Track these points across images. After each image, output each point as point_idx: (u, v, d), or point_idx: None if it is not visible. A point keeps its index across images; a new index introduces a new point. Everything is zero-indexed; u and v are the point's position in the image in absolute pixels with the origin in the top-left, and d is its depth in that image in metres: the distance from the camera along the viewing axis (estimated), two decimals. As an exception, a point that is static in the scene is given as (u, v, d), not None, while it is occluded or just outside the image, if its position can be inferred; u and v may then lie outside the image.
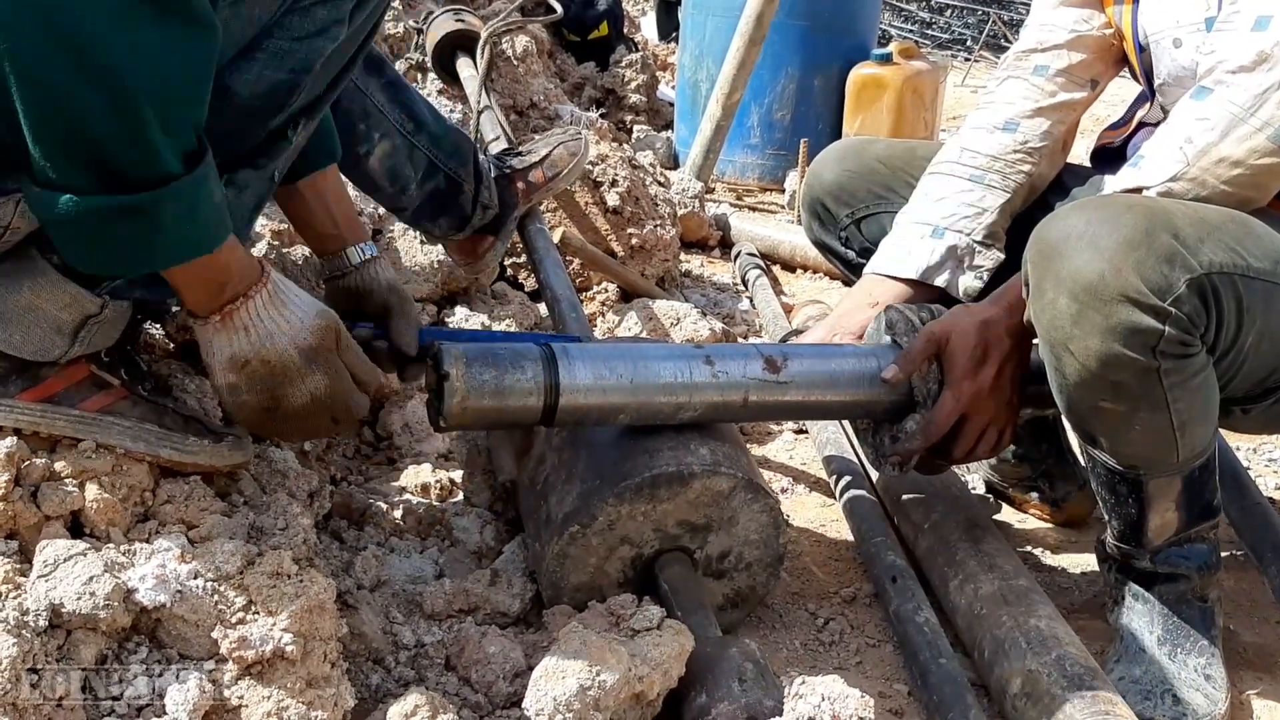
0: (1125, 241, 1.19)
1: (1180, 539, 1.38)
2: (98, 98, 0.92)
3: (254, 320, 1.12)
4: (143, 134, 0.95)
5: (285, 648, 1.06)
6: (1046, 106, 1.65)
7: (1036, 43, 1.68)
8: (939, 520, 1.59)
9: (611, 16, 4.46)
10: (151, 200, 0.98)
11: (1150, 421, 1.25)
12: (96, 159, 0.95)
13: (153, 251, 1.03)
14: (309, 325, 1.16)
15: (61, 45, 0.89)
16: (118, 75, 0.92)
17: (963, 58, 8.88)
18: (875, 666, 1.43)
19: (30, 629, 0.99)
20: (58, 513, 1.12)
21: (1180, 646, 1.37)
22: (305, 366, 1.16)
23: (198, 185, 1.01)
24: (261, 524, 1.23)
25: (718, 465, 1.34)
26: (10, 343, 1.13)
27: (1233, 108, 1.29)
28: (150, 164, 0.97)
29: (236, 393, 1.16)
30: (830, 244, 1.84)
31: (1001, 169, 1.64)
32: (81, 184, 0.96)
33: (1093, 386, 1.24)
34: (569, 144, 2.18)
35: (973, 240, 1.62)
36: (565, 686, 1.09)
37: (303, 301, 1.17)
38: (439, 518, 1.60)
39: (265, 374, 1.15)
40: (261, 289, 1.13)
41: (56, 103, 0.92)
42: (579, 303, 2.04)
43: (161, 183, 0.98)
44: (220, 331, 1.13)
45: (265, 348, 1.13)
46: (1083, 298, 1.19)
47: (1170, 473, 1.31)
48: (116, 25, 0.91)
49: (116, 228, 0.99)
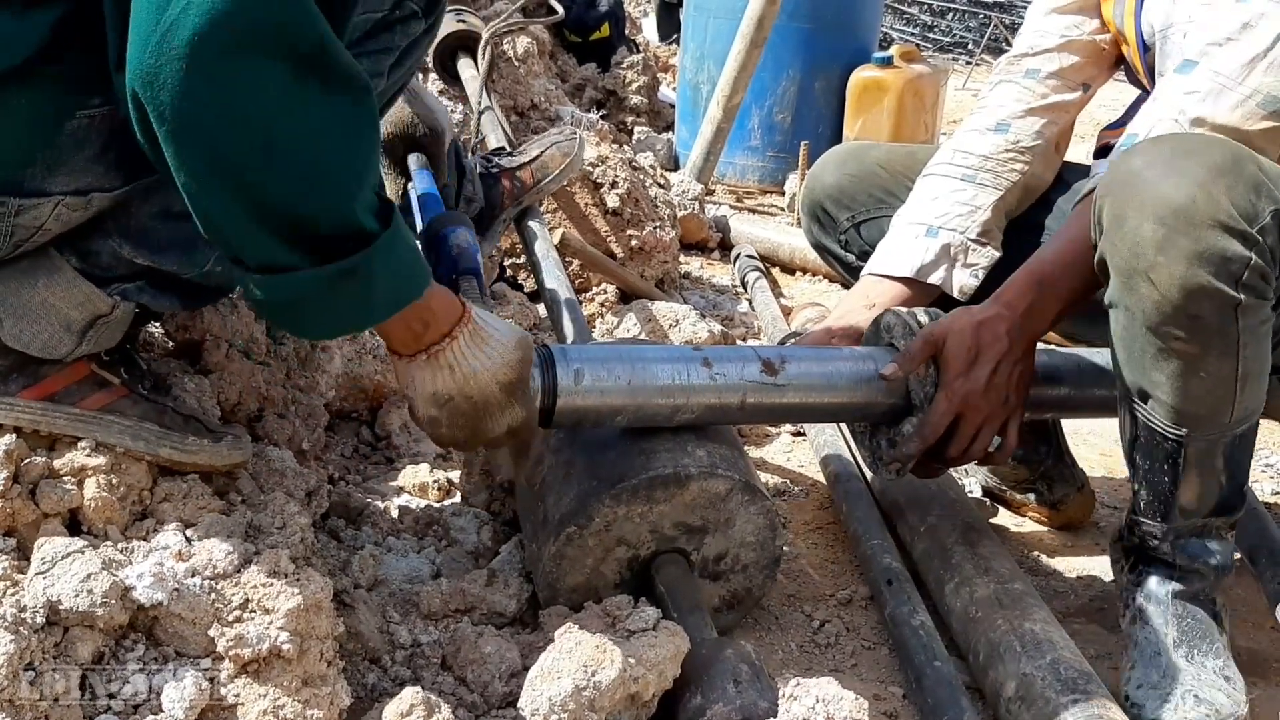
0: (1215, 167, 1.17)
1: (1203, 527, 1.36)
2: (292, 180, 0.95)
3: (458, 359, 1.15)
4: (341, 203, 0.99)
5: (282, 646, 1.06)
6: (1038, 107, 1.67)
7: (1028, 48, 1.70)
8: (935, 523, 1.59)
9: (613, 18, 4.46)
10: (363, 260, 1.01)
11: (1217, 369, 1.23)
12: (300, 235, 0.99)
13: (371, 308, 1.08)
14: (508, 360, 1.18)
15: (245, 140, 0.92)
16: (305, 152, 0.95)
17: (964, 61, 8.88)
18: (871, 669, 1.43)
19: (28, 626, 1.00)
20: (56, 510, 1.13)
21: (1197, 648, 1.34)
22: (506, 400, 1.19)
23: (396, 237, 1.04)
24: (259, 523, 1.23)
25: (714, 467, 1.35)
26: (20, 339, 1.14)
27: (1220, 78, 1.29)
28: (353, 228, 1.00)
29: (437, 426, 1.19)
30: (830, 247, 1.85)
31: (994, 168, 1.65)
32: (295, 261, 0.99)
33: (1171, 319, 1.20)
34: (562, 145, 2.18)
35: (966, 238, 1.63)
36: (560, 687, 1.09)
37: (502, 335, 1.19)
38: (436, 517, 1.60)
39: (468, 409, 1.17)
40: (464, 328, 1.16)
41: (254, 194, 0.95)
42: (578, 304, 2.04)
43: (367, 243, 1.01)
44: (425, 369, 1.15)
45: (469, 385, 1.16)
46: (1170, 221, 1.17)
47: (1216, 434, 1.28)
48: (292, 109, 0.93)
49: (337, 293, 1.02)
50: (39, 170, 1.04)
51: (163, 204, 1.12)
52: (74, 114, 1.02)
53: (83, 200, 1.08)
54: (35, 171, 1.04)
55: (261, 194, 0.95)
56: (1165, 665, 1.33)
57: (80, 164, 1.06)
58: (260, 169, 0.94)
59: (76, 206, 1.09)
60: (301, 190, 0.96)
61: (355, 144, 0.99)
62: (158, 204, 1.12)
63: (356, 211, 1.00)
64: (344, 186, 0.99)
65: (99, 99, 1.01)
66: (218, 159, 0.93)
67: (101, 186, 1.09)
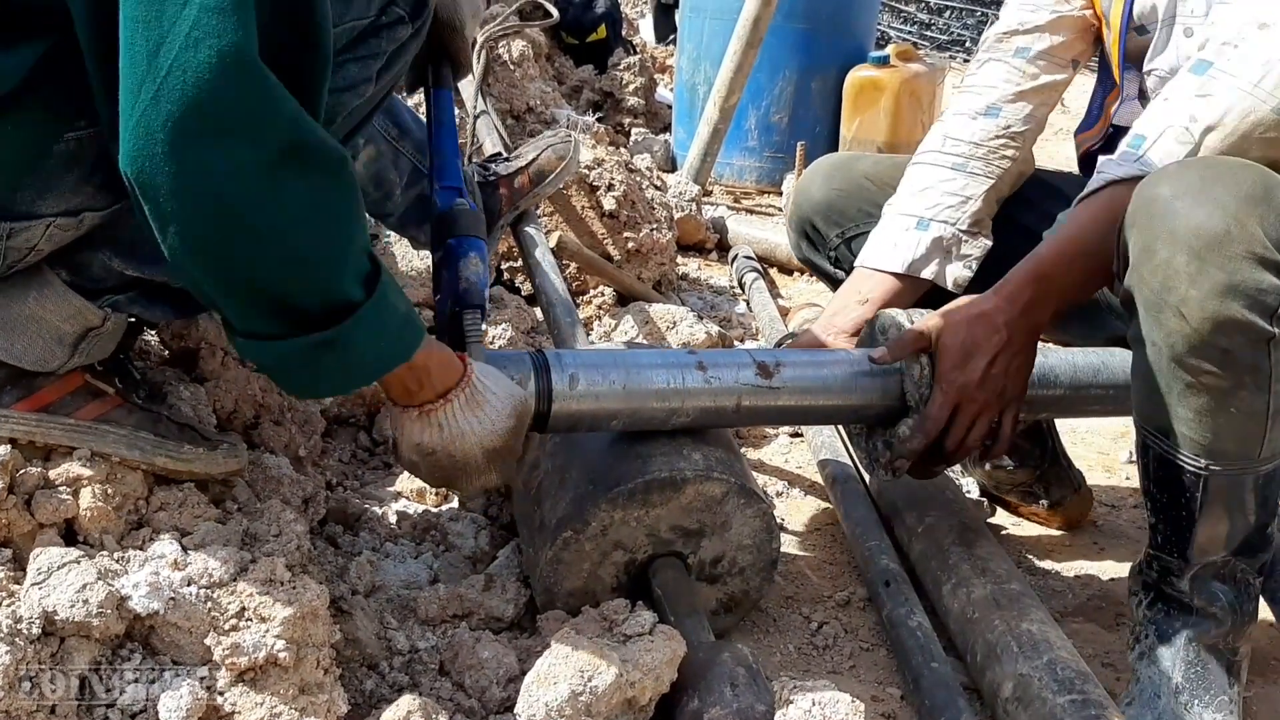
0: (1248, 197, 1.13)
1: (1224, 569, 1.30)
2: (270, 259, 0.97)
3: (449, 421, 1.17)
4: (319, 279, 1.01)
5: (278, 654, 1.06)
6: (1029, 90, 1.65)
7: (1018, 24, 1.66)
8: (933, 524, 1.59)
9: (610, 19, 4.46)
10: (343, 332, 1.03)
11: (1248, 404, 1.18)
12: (282, 309, 1.01)
13: (353, 373, 1.10)
14: (499, 429, 1.19)
15: (224, 226, 0.94)
16: (282, 235, 0.97)
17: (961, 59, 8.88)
18: (869, 670, 1.43)
19: (24, 637, 1.00)
20: (52, 520, 1.13)
21: (1199, 698, 1.29)
22: (486, 465, 1.20)
23: (380, 304, 1.06)
24: (255, 531, 1.23)
25: (710, 470, 1.35)
26: (11, 352, 1.14)
27: (1237, 80, 1.25)
28: (332, 300, 1.02)
29: (415, 470, 1.22)
30: (819, 264, 1.82)
31: (984, 155, 1.63)
32: (275, 330, 1.02)
33: (1200, 354, 1.16)
34: (557, 148, 2.17)
35: (958, 230, 1.61)
36: (557, 692, 1.09)
37: (499, 401, 1.20)
38: (434, 522, 1.60)
39: (448, 465, 1.19)
40: (460, 392, 1.17)
41: (234, 275, 0.98)
42: (575, 306, 2.04)
43: (348, 313, 1.03)
44: (415, 421, 1.17)
45: (454, 446, 1.18)
46: (1204, 254, 1.12)
47: (1240, 470, 1.23)
48: (268, 191, 0.95)
49: (318, 361, 1.04)
50: (29, 194, 1.05)
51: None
52: (61, 137, 1.04)
53: (74, 220, 1.10)
54: (26, 195, 1.05)
55: (242, 275, 0.98)
56: (1161, 710, 1.28)
57: (70, 185, 1.07)
58: (239, 253, 0.96)
59: (68, 227, 1.10)
60: (282, 272, 0.99)
61: (335, 222, 1.01)
62: None
63: (337, 283, 1.02)
64: (325, 265, 1.01)
65: (84, 121, 1.02)
66: (196, 241, 0.95)
67: (92, 206, 1.10)
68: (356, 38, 1.19)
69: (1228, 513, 1.26)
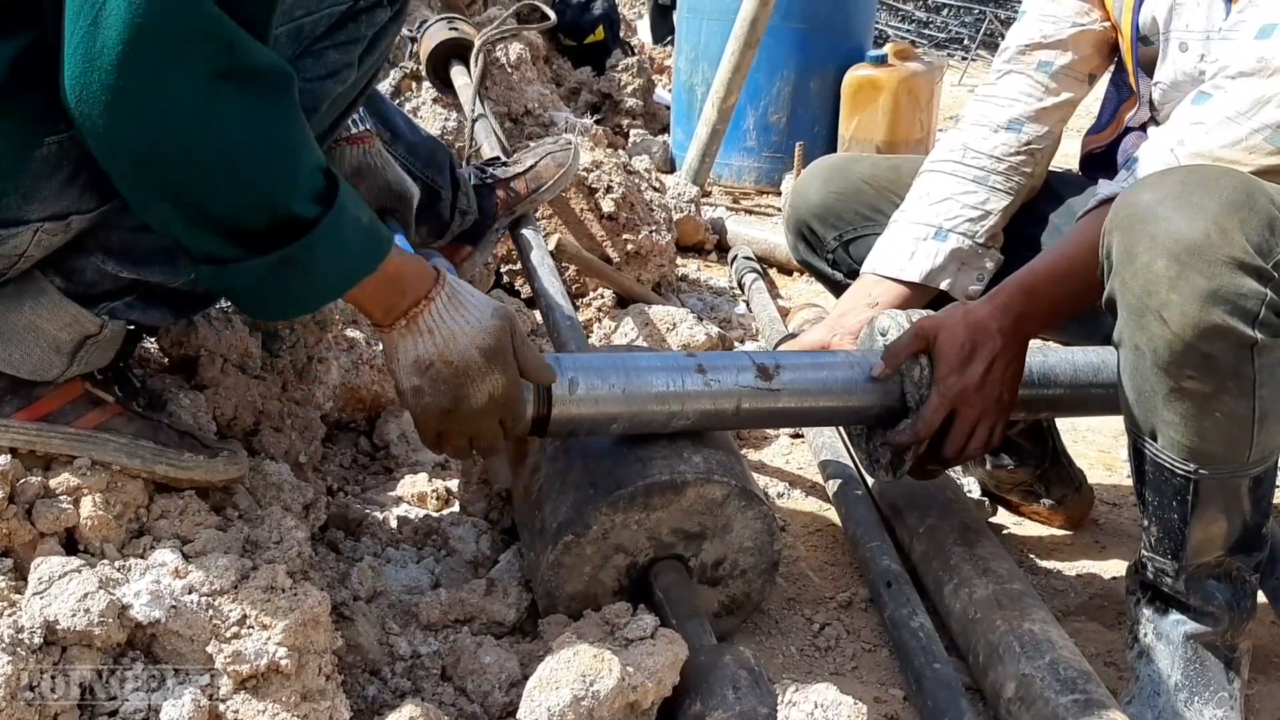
0: (1229, 203, 1.13)
1: (1220, 568, 1.30)
2: (214, 179, 0.98)
3: (437, 322, 1.17)
4: (268, 198, 1.01)
5: (280, 661, 1.06)
6: (1050, 106, 1.65)
7: (1040, 36, 1.65)
8: (934, 525, 1.59)
9: (607, 21, 4.46)
10: (302, 248, 1.03)
11: (1232, 408, 1.18)
12: (233, 230, 1.02)
13: (320, 289, 1.10)
14: (487, 325, 1.19)
15: (165, 148, 0.96)
16: (224, 155, 0.97)
17: (960, 57, 8.89)
18: (871, 671, 1.43)
19: (25, 647, 1.00)
20: (52, 529, 1.13)
21: (1199, 695, 1.29)
22: (486, 365, 1.19)
23: (339, 218, 1.06)
24: (256, 538, 1.23)
25: (711, 473, 1.35)
26: (9, 362, 1.14)
27: (1230, 112, 1.26)
28: (285, 219, 1.03)
29: (420, 395, 1.19)
30: (817, 266, 1.82)
31: (1005, 171, 1.64)
32: (233, 254, 1.02)
33: (1182, 360, 1.15)
34: (557, 155, 2.18)
35: (976, 243, 1.62)
36: (559, 696, 1.09)
37: (479, 301, 1.20)
38: (435, 527, 1.60)
39: (449, 375, 1.18)
40: (439, 291, 1.17)
41: (182, 198, 0.99)
42: (574, 309, 2.04)
43: (304, 230, 1.03)
44: (406, 336, 1.17)
45: (449, 349, 1.17)
46: (1184, 259, 1.12)
47: (1230, 473, 1.23)
48: (205, 113, 0.96)
49: (282, 279, 1.05)
50: (14, 199, 1.05)
51: (140, 218, 1.13)
52: (42, 141, 1.04)
53: (62, 224, 1.09)
54: (11, 201, 1.05)
55: (190, 197, 0.99)
56: (1161, 708, 1.29)
57: (54, 189, 1.07)
58: (184, 175, 0.97)
59: (56, 231, 1.09)
60: (227, 192, 0.99)
61: (277, 142, 1.01)
62: (136, 218, 1.12)
63: (290, 202, 1.02)
64: (270, 183, 1.01)
65: (65, 124, 1.02)
66: (141, 166, 0.97)
67: (79, 209, 1.09)
68: (336, 23, 1.19)
69: (1220, 515, 1.26)
